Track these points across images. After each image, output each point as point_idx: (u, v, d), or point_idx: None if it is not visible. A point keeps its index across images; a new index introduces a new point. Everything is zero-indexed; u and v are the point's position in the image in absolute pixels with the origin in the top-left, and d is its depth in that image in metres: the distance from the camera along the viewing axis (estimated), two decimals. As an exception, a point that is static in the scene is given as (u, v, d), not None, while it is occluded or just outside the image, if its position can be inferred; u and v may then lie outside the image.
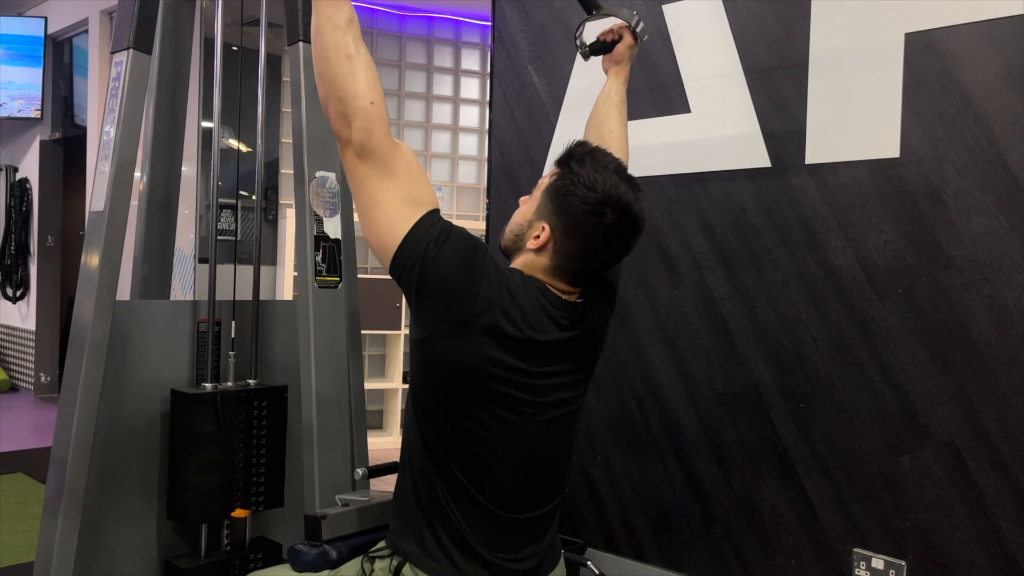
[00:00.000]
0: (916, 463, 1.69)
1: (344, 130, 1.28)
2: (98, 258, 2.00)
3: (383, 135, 1.29)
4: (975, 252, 1.62)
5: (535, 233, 1.36)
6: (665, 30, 2.08)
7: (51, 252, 6.62)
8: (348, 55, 1.28)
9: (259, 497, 2.19)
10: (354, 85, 1.27)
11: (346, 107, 1.27)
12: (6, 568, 3.01)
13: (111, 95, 2.09)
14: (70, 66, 6.40)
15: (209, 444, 2.09)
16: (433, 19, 5.89)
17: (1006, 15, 1.59)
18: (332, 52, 1.28)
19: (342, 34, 1.28)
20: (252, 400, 2.18)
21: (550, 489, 1.45)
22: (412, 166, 1.32)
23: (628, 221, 1.33)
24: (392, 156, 1.30)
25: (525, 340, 1.30)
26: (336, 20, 1.28)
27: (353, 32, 1.29)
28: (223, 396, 2.11)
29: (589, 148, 1.37)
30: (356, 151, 1.29)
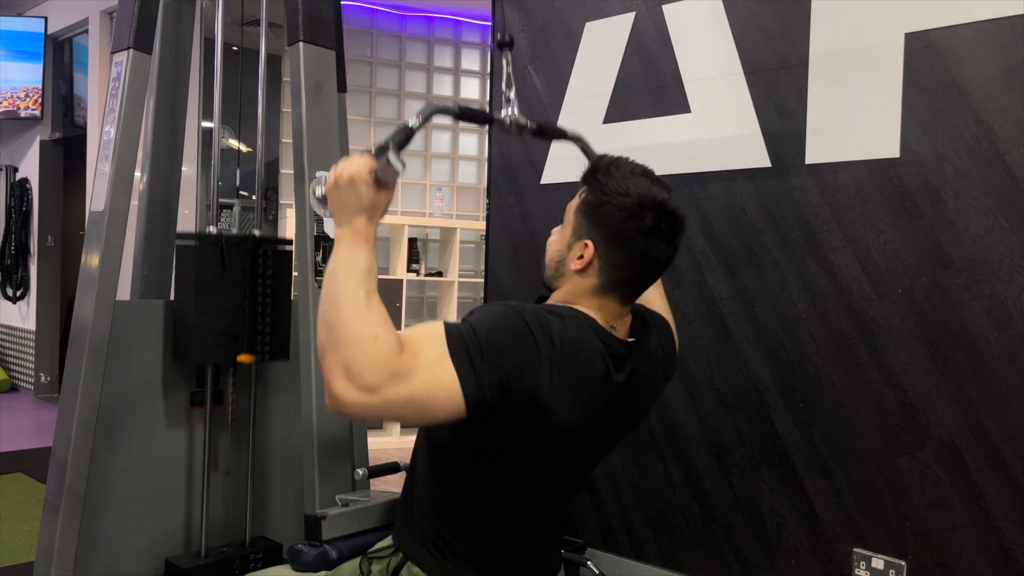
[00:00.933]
0: (916, 463, 1.69)
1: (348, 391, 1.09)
2: (98, 258, 2.00)
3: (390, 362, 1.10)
4: (975, 252, 1.62)
5: (577, 254, 1.34)
6: (665, 30, 2.08)
7: (51, 252, 6.63)
8: (355, 302, 1.13)
9: (265, 347, 2.17)
10: (356, 329, 1.11)
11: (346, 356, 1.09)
12: (6, 568, 3.01)
13: (111, 95, 2.09)
14: (70, 66, 6.40)
15: (215, 287, 2.07)
16: (433, 19, 5.89)
17: (1006, 15, 1.59)
18: (342, 297, 1.14)
19: (356, 283, 1.14)
20: (258, 248, 2.17)
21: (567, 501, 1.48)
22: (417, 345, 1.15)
23: (668, 219, 1.31)
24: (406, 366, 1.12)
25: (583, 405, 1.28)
26: (353, 267, 1.16)
27: (368, 284, 1.15)
28: (229, 240, 2.11)
29: (611, 158, 1.37)
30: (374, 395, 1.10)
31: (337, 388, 1.09)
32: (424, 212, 5.90)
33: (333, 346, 1.11)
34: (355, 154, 1.22)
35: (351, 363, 1.09)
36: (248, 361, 2.14)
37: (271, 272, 2.18)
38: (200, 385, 2.26)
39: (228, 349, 2.11)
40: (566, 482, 1.43)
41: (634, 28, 2.13)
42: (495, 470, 1.33)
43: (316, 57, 2.05)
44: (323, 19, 2.07)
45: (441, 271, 5.65)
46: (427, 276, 5.57)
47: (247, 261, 2.14)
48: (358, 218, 1.18)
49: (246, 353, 2.12)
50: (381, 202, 1.20)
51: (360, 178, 1.18)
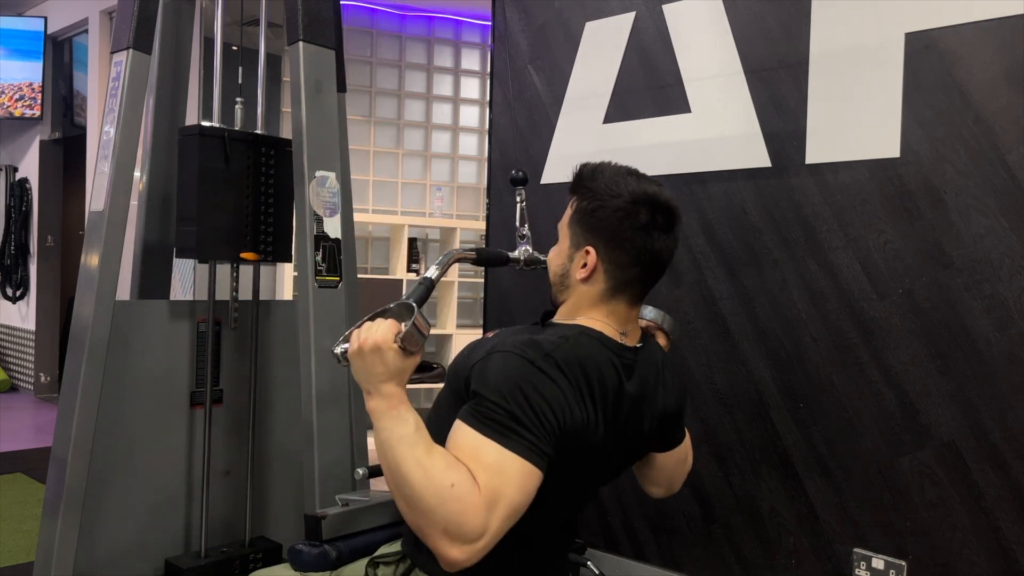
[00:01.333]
0: (916, 463, 1.69)
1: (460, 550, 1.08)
2: (98, 258, 2.00)
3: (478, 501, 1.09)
4: (975, 252, 1.62)
5: (580, 263, 1.34)
6: (665, 30, 2.08)
7: (51, 252, 6.62)
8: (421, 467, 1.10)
9: (268, 247, 2.16)
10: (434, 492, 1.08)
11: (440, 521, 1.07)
12: (6, 568, 3.01)
13: (111, 95, 2.09)
14: (70, 66, 6.40)
15: (217, 181, 2.06)
16: (433, 19, 5.89)
17: (1006, 15, 1.59)
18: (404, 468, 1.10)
19: (410, 448, 1.11)
20: (260, 146, 2.17)
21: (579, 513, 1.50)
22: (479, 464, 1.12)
23: (663, 211, 1.32)
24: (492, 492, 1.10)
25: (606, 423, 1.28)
26: (402, 433, 1.13)
27: (422, 441, 1.12)
28: (231, 135, 2.10)
29: (593, 165, 1.37)
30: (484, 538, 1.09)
31: (451, 554, 1.08)
32: (424, 212, 5.90)
33: (422, 517, 1.09)
34: (377, 320, 1.19)
35: (448, 525, 1.07)
36: (252, 259, 2.13)
37: (273, 171, 2.17)
38: (200, 385, 2.26)
39: (232, 246, 2.09)
40: (584, 497, 1.44)
41: (634, 28, 2.13)
42: None
43: (316, 57, 2.05)
44: (323, 19, 2.07)
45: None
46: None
47: (249, 158, 2.13)
48: (387, 385, 1.16)
49: (250, 251, 2.10)
50: (408, 367, 1.17)
51: (386, 346, 1.15)
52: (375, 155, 5.74)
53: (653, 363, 1.41)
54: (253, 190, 2.14)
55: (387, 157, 5.80)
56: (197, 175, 2.05)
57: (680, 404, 1.50)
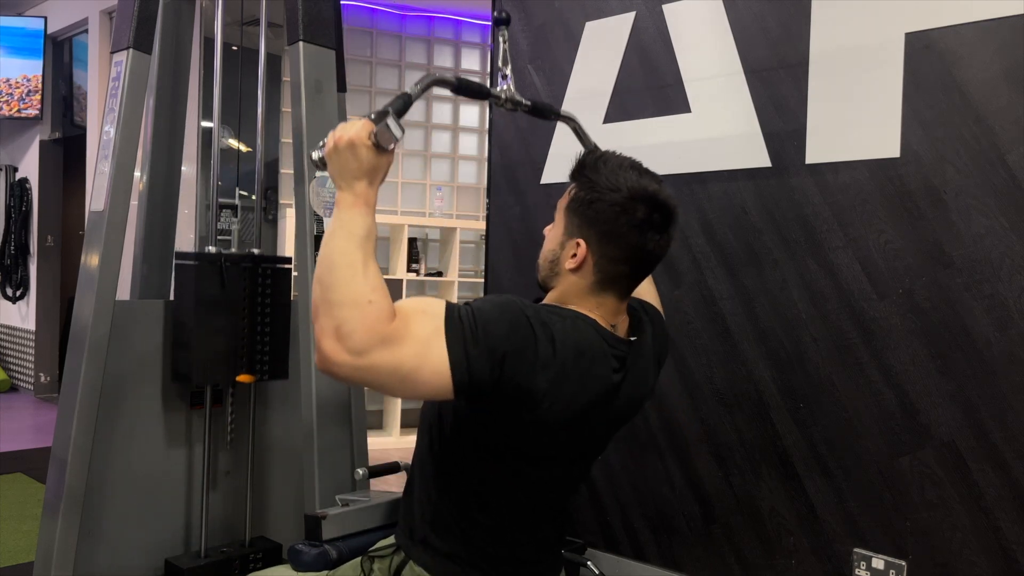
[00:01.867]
0: (916, 463, 1.68)
1: (337, 352, 1.10)
2: (98, 258, 2.00)
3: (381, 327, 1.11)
4: (975, 252, 1.62)
5: (570, 252, 1.33)
6: (665, 30, 2.08)
7: (51, 252, 6.62)
8: (351, 265, 1.14)
9: (264, 366, 2.17)
10: (351, 292, 1.12)
11: (338, 317, 1.10)
12: (6, 568, 3.01)
13: (111, 95, 2.09)
14: (70, 65, 6.40)
15: (214, 307, 2.07)
16: (433, 19, 5.88)
17: (1006, 15, 1.59)
18: (338, 259, 1.14)
19: (354, 246, 1.15)
20: (256, 268, 2.17)
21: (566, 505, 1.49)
22: (411, 316, 1.15)
23: (660, 210, 1.31)
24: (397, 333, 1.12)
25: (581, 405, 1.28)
26: (352, 229, 1.16)
27: (366, 248, 1.16)
28: (228, 259, 2.10)
29: (598, 154, 1.36)
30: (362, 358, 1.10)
31: (327, 348, 1.10)
32: (424, 212, 5.90)
33: (327, 306, 1.12)
34: (354, 120, 1.23)
35: (342, 324, 1.09)
36: (247, 381, 2.15)
37: (270, 291, 2.18)
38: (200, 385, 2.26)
39: (227, 369, 2.11)
40: (565, 482, 1.43)
41: (634, 28, 2.13)
42: (494, 471, 1.33)
43: (316, 57, 2.05)
44: (323, 19, 2.07)
45: (441, 271, 5.65)
46: (427, 276, 5.57)
47: (246, 280, 2.14)
48: (359, 182, 1.19)
49: (245, 373, 2.12)
50: (381, 165, 1.20)
51: (360, 141, 1.18)
52: (375, 155, 5.73)
53: (644, 354, 1.42)
54: (250, 312, 2.15)
55: (387, 157, 5.79)
56: (193, 303, 2.06)
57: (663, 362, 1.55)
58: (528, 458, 1.32)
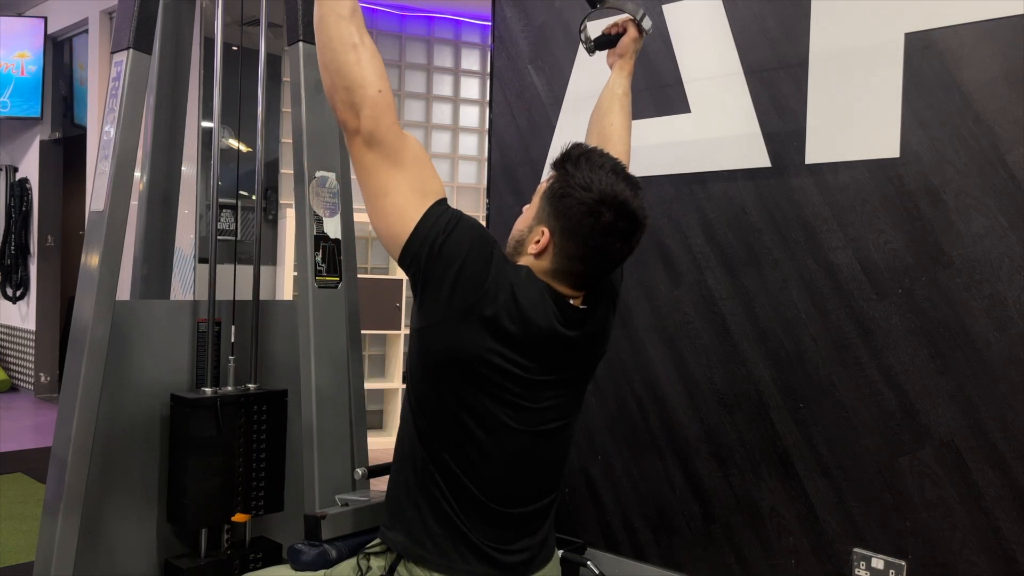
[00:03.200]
0: (916, 463, 1.69)
1: (351, 119, 1.29)
2: (98, 258, 2.00)
3: (391, 123, 1.29)
4: (975, 252, 1.62)
5: (535, 238, 1.35)
6: (665, 30, 2.08)
7: (51, 252, 6.62)
8: (353, 44, 1.28)
9: (259, 502, 2.19)
10: (361, 73, 1.28)
11: (353, 96, 1.28)
12: (6, 568, 3.01)
13: (111, 95, 2.09)
14: (70, 66, 6.41)
15: (209, 449, 2.08)
16: (433, 19, 5.88)
17: (1006, 15, 1.59)
18: (337, 42, 1.29)
19: (346, 23, 1.29)
20: (252, 404, 2.17)
21: (544, 487, 1.45)
22: (420, 156, 1.33)
23: (627, 219, 1.31)
24: (401, 145, 1.30)
25: (525, 335, 1.30)
26: (339, 10, 1.29)
27: (357, 21, 1.30)
28: (223, 401, 2.11)
29: (584, 149, 1.37)
30: (364, 140, 1.29)
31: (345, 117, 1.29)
32: (424, 212, 5.88)
33: (341, 91, 1.29)
34: None
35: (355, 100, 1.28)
36: (243, 521, 2.16)
37: (265, 426, 2.19)
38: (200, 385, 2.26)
39: (223, 510, 2.12)
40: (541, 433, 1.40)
41: (634, 28, 2.13)
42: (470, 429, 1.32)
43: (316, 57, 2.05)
44: (323, 19, 2.07)
45: (441, 271, 5.64)
46: (427, 276, 5.56)
47: (241, 419, 2.14)
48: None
49: (241, 512, 2.13)
50: None
51: None
52: (375, 155, 5.74)
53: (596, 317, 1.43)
54: (245, 450, 2.15)
55: (387, 157, 5.79)
56: (189, 447, 2.06)
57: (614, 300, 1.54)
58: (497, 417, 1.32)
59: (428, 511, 1.36)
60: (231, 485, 2.13)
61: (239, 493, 2.14)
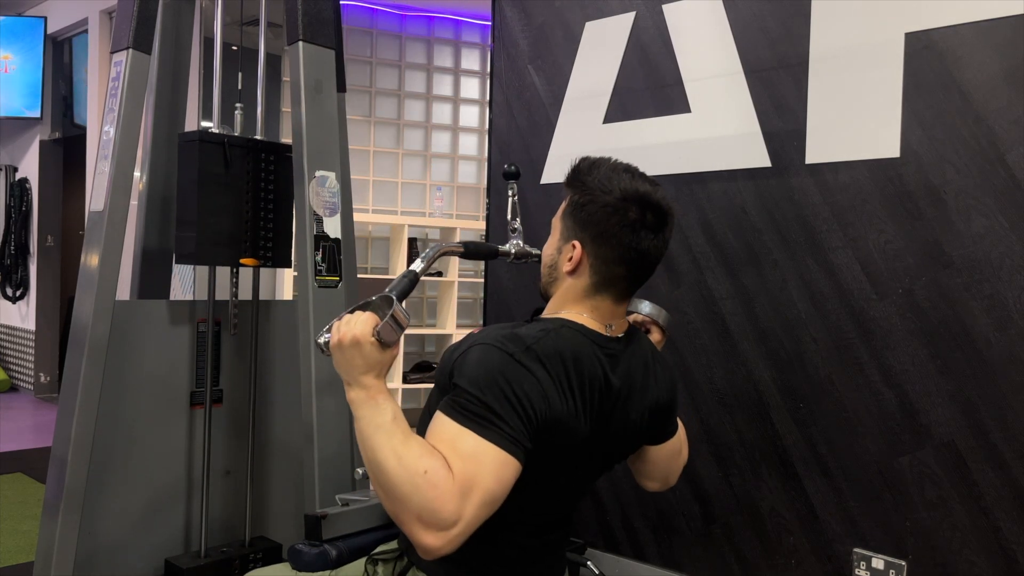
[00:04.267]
0: (916, 463, 1.69)
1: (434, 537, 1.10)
2: (98, 258, 2.00)
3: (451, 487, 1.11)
4: (975, 252, 1.62)
5: (567, 256, 1.35)
6: (665, 30, 2.08)
7: (51, 252, 6.63)
8: (397, 455, 1.12)
9: (267, 252, 2.17)
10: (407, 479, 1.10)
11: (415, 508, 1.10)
12: (6, 568, 3.01)
13: (111, 95, 2.09)
14: (70, 66, 6.41)
15: (217, 187, 2.07)
16: (433, 19, 5.89)
17: (1006, 15, 1.59)
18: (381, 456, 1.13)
19: (387, 437, 1.14)
20: (259, 152, 2.17)
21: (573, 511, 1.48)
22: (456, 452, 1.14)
23: (653, 210, 1.32)
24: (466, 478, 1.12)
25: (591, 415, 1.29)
26: (379, 422, 1.15)
27: (400, 430, 1.15)
28: (230, 141, 2.10)
29: (593, 159, 1.37)
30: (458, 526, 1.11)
31: (425, 540, 1.10)
32: (424, 212, 5.90)
33: (398, 503, 1.11)
34: (357, 313, 1.21)
35: (421, 512, 1.09)
36: (251, 265, 2.13)
37: (272, 177, 2.17)
38: (200, 385, 2.26)
39: (231, 251, 2.09)
40: (574, 492, 1.43)
41: (634, 28, 2.13)
42: None
43: (316, 57, 2.05)
44: (323, 19, 2.07)
45: (441, 271, 5.66)
46: (427, 276, 5.56)
47: (249, 164, 2.13)
48: (366, 376, 1.18)
49: (249, 256, 2.10)
50: (387, 360, 1.20)
51: (364, 339, 1.18)
52: (375, 155, 5.74)
53: (641, 355, 1.42)
54: (253, 196, 2.14)
55: (387, 157, 5.80)
56: (197, 180, 2.05)
57: (671, 397, 1.50)
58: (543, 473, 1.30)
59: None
60: (240, 228, 2.11)
61: (247, 238, 2.12)
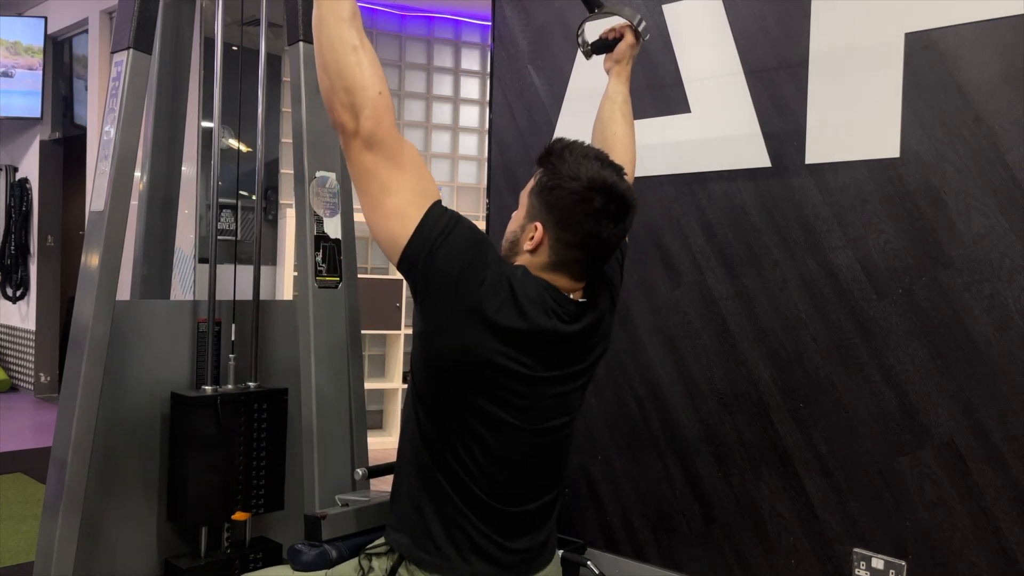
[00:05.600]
0: (916, 463, 1.69)
1: (350, 121, 1.27)
2: (98, 258, 2.00)
3: (391, 125, 1.29)
4: (975, 252, 1.62)
5: (529, 235, 1.38)
6: (665, 30, 2.08)
7: (51, 252, 6.62)
8: (354, 46, 1.28)
9: (259, 500, 2.19)
10: (362, 75, 1.28)
11: (353, 97, 1.27)
12: (6, 568, 3.01)
13: (111, 95, 2.09)
14: (70, 66, 6.41)
15: (209, 447, 2.08)
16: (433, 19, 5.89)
17: (1006, 15, 1.59)
18: (337, 43, 1.28)
19: (347, 26, 1.28)
20: (252, 403, 2.17)
21: (545, 484, 1.46)
22: (417, 159, 1.33)
23: (617, 201, 1.34)
24: (400, 147, 1.30)
25: (527, 332, 1.31)
26: (340, 12, 1.28)
27: (357, 25, 1.30)
28: (223, 399, 2.11)
29: (567, 142, 1.40)
30: (364, 142, 1.28)
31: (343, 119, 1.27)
32: (424, 212, 5.88)
33: (339, 92, 1.27)
34: None
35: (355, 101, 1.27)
36: (243, 519, 2.16)
37: (266, 424, 2.19)
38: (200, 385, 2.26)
39: (223, 508, 2.12)
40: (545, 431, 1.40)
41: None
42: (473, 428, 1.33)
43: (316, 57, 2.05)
44: (323, 19, 2.07)
45: (441, 271, 5.64)
46: (427, 276, 5.56)
47: (242, 416, 2.14)
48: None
49: (240, 511, 2.13)
50: None
51: None
52: (375, 155, 5.74)
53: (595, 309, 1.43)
54: (245, 448, 2.15)
55: (387, 157, 5.79)
56: (189, 445, 2.06)
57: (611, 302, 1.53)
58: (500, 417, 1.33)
59: (430, 513, 1.36)
60: (231, 483, 2.13)
61: (239, 492, 2.14)
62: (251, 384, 2.24)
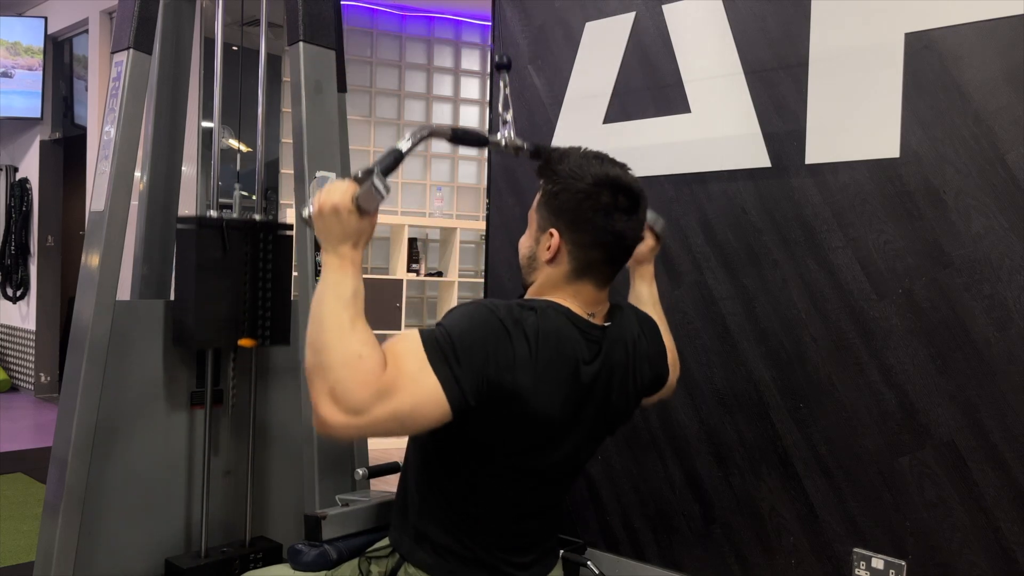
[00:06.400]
0: (916, 463, 1.69)
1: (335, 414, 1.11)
2: (98, 258, 2.00)
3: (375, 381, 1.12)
4: (975, 252, 1.62)
5: (545, 245, 1.36)
6: (665, 30, 2.08)
7: (51, 252, 6.63)
8: (340, 326, 1.15)
9: (265, 331, 2.17)
10: (342, 351, 1.13)
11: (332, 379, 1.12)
12: (6, 568, 3.01)
13: (111, 95, 2.09)
14: (70, 66, 6.41)
15: (215, 270, 2.07)
16: (433, 19, 5.89)
17: (1006, 15, 1.59)
18: (328, 321, 1.16)
19: (341, 307, 1.17)
20: (258, 232, 2.17)
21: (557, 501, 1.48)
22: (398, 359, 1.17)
23: (625, 193, 1.33)
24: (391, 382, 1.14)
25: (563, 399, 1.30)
26: (340, 291, 1.18)
27: (354, 308, 1.18)
28: (229, 224, 2.11)
29: (562, 150, 1.40)
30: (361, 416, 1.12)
31: (324, 412, 1.11)
32: (424, 212, 5.90)
33: (320, 370, 1.13)
34: (338, 181, 1.23)
35: (336, 385, 1.11)
36: (249, 345, 2.14)
37: (271, 256, 2.18)
38: (200, 385, 2.26)
39: (229, 333, 2.10)
40: (556, 477, 1.43)
41: (634, 28, 2.13)
42: (486, 468, 1.33)
43: (316, 57, 2.05)
44: (323, 19, 2.07)
45: (441, 271, 5.66)
46: (427, 276, 5.57)
47: (247, 245, 2.14)
48: (343, 245, 1.20)
49: (247, 337, 2.11)
50: (365, 229, 1.22)
51: (343, 207, 1.19)
52: (375, 155, 5.74)
53: (621, 340, 1.42)
54: (251, 276, 2.15)
55: (387, 157, 5.79)
56: (194, 267, 2.06)
57: (657, 371, 1.54)
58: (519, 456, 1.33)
59: (431, 520, 1.37)
60: (237, 309, 2.11)
61: (245, 319, 2.13)
62: (257, 216, 2.25)
